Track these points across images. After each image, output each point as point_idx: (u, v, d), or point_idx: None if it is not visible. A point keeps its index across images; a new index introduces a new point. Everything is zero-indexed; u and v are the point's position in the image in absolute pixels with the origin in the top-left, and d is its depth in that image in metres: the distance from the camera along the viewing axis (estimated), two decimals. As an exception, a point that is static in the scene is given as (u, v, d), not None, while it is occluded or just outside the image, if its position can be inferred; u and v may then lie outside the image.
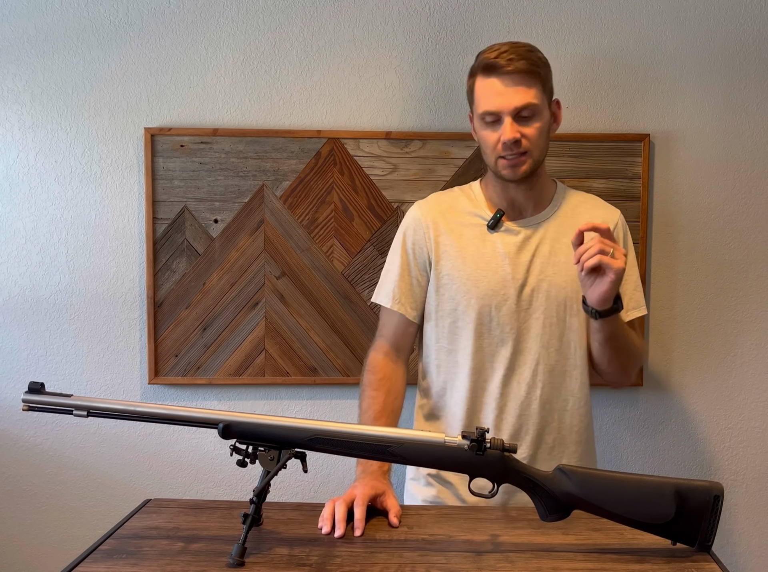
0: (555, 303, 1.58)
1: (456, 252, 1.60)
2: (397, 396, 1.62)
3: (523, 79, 1.48)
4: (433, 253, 1.61)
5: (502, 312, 1.57)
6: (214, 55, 2.00)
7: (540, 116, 1.51)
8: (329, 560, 1.18)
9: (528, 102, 1.48)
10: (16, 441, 2.07)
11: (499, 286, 1.57)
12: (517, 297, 1.57)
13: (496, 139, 1.50)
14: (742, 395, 2.08)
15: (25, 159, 2.01)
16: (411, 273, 1.63)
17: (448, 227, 1.61)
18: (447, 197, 1.67)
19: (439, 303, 1.61)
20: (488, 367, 1.59)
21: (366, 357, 1.66)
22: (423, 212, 1.64)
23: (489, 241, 1.59)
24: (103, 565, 1.16)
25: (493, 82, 1.48)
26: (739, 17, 2.00)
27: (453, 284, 1.59)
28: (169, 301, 2.02)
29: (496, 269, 1.58)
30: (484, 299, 1.57)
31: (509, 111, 1.47)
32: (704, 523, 1.19)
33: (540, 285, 1.57)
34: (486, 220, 1.60)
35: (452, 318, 1.60)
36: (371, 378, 1.61)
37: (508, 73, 1.47)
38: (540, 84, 1.50)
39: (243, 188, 2.00)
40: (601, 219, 1.60)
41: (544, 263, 1.58)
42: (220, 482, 2.09)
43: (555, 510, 1.23)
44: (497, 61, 1.47)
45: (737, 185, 2.04)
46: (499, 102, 1.48)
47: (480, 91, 1.51)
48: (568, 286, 1.58)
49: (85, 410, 1.22)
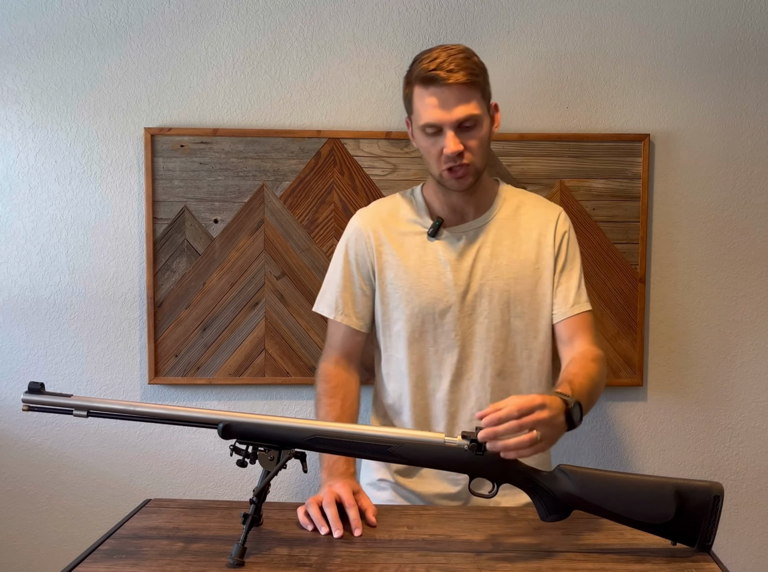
0: (498, 306, 1.58)
1: (398, 261, 1.60)
2: (354, 402, 1.62)
3: (464, 91, 1.44)
4: (375, 263, 1.61)
5: (446, 319, 1.58)
6: (214, 55, 2.00)
7: (481, 125, 1.49)
8: (329, 560, 1.18)
9: (469, 114, 1.45)
10: (16, 441, 2.07)
11: (442, 293, 1.58)
12: (460, 303, 1.58)
13: (438, 150, 1.49)
14: (742, 395, 2.08)
15: (25, 159, 2.01)
16: (355, 283, 1.63)
17: (389, 236, 1.61)
18: (388, 205, 1.67)
19: (384, 312, 1.62)
20: (435, 375, 1.60)
21: (317, 368, 1.66)
22: (364, 222, 1.64)
23: (430, 248, 1.60)
24: (103, 565, 1.16)
25: (433, 94, 1.45)
26: (739, 17, 2.00)
27: (396, 293, 1.60)
28: (169, 301, 2.01)
29: (438, 277, 1.58)
30: (428, 307, 1.58)
31: (451, 124, 1.45)
32: (704, 523, 1.19)
33: (482, 289, 1.58)
34: (427, 227, 1.60)
35: (397, 327, 1.61)
36: (325, 387, 1.61)
37: (448, 85, 1.43)
38: (480, 93, 1.48)
39: (243, 188, 2.00)
40: (542, 217, 1.63)
41: (486, 267, 1.58)
42: (220, 482, 2.09)
43: (555, 510, 1.23)
44: (437, 74, 1.43)
45: (737, 185, 2.04)
46: (440, 115, 1.45)
47: (419, 103, 1.48)
48: (510, 288, 1.58)
49: (85, 410, 1.22)
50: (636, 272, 2.02)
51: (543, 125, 2.01)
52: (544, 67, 2.00)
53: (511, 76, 2.00)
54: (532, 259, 1.60)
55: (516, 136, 1.99)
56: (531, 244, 1.60)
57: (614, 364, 2.03)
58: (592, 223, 2.01)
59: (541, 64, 2.00)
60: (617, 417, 2.09)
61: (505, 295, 1.58)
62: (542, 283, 1.60)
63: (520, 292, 1.58)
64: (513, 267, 1.59)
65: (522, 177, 2.00)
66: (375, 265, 1.62)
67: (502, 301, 1.58)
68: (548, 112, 2.01)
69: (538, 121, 2.01)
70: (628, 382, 2.04)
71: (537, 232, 1.61)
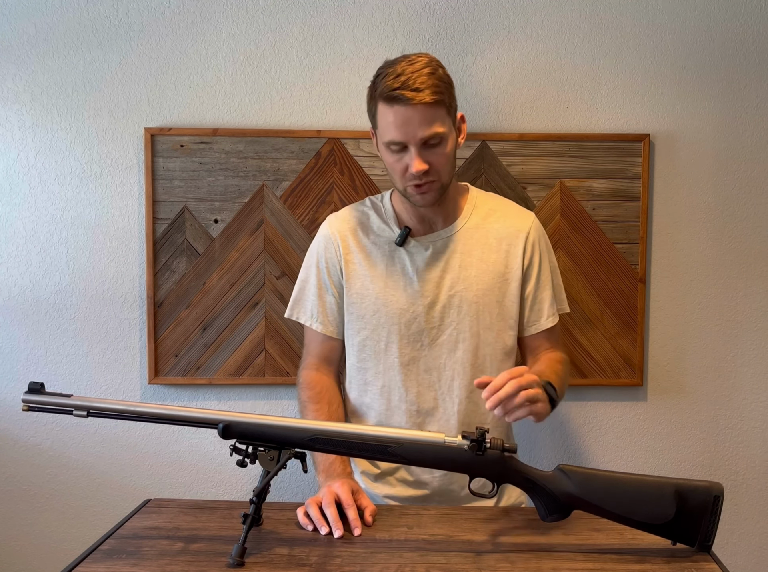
0: (467, 317, 1.57)
1: (365, 270, 1.59)
2: (339, 406, 1.61)
3: (428, 110, 1.41)
4: (343, 270, 1.61)
5: (411, 329, 1.57)
6: (214, 55, 2.00)
7: (446, 142, 1.46)
8: (329, 560, 1.18)
9: (434, 132, 1.42)
10: (16, 441, 2.07)
11: (408, 303, 1.57)
12: (426, 314, 1.57)
13: (403, 167, 1.47)
14: (742, 395, 2.08)
15: (25, 159, 2.01)
16: (328, 290, 1.63)
17: (357, 245, 1.61)
18: (357, 212, 1.65)
19: (348, 321, 1.61)
20: (401, 386, 1.58)
21: (298, 375, 1.65)
22: (333, 229, 1.63)
23: (398, 258, 1.58)
24: (103, 565, 1.16)
25: (397, 112, 1.42)
26: (738, 17, 2.00)
27: (363, 303, 1.59)
28: (169, 301, 2.02)
29: (405, 287, 1.57)
30: (394, 318, 1.57)
31: (415, 142, 1.43)
32: (704, 523, 1.19)
33: (451, 301, 1.57)
34: (395, 236, 1.59)
35: (361, 337, 1.60)
36: (309, 393, 1.60)
37: (413, 106, 1.40)
38: (444, 110, 1.44)
39: (243, 188, 2.00)
40: (512, 227, 1.61)
41: (455, 278, 1.57)
42: (220, 482, 2.09)
43: (555, 510, 1.23)
44: (401, 94, 1.40)
45: (737, 185, 2.04)
46: (404, 133, 1.42)
47: (383, 120, 1.45)
48: (479, 300, 1.57)
49: (85, 410, 1.22)
50: (636, 272, 2.02)
51: (543, 125, 2.01)
52: (544, 67, 2.00)
53: (511, 76, 2.00)
54: (500, 270, 1.59)
55: (516, 136, 1.99)
56: (500, 255, 1.59)
57: (614, 364, 2.04)
58: (592, 223, 2.01)
59: (541, 64, 2.00)
60: (617, 417, 2.09)
61: (474, 307, 1.57)
62: (509, 294, 1.59)
63: (488, 304, 1.57)
64: (482, 278, 1.57)
65: (522, 177, 2.00)
66: (343, 273, 1.61)
67: (471, 312, 1.57)
68: (548, 112, 2.01)
69: (538, 121, 2.01)
70: (628, 382, 2.04)
71: (506, 243, 1.60)
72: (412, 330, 1.57)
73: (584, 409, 2.08)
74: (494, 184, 1.99)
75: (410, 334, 1.57)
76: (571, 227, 2.01)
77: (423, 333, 1.57)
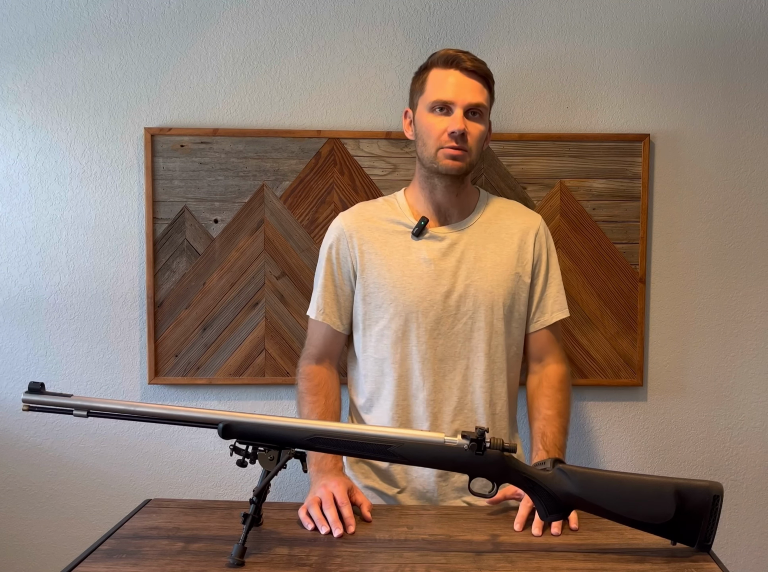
0: (482, 307, 1.60)
1: (381, 260, 1.61)
2: (336, 399, 1.64)
3: (479, 80, 1.56)
4: (357, 262, 1.63)
5: (429, 318, 1.59)
6: (214, 55, 2.00)
7: (484, 120, 1.58)
8: (329, 560, 1.18)
9: (480, 102, 1.55)
10: (16, 441, 2.07)
11: (425, 292, 1.59)
12: (443, 303, 1.59)
13: (442, 128, 1.54)
14: (742, 395, 2.08)
15: (25, 159, 2.01)
16: (335, 283, 1.65)
17: (371, 236, 1.63)
18: (371, 207, 1.70)
19: (366, 312, 1.63)
20: (418, 375, 1.60)
21: (298, 367, 1.68)
22: (346, 222, 1.66)
23: (414, 248, 1.61)
24: (103, 565, 1.16)
25: (452, 74, 1.54)
26: (738, 17, 2.00)
27: (380, 292, 1.61)
28: (169, 301, 2.01)
29: (422, 276, 1.59)
30: (411, 306, 1.59)
31: (463, 104, 1.53)
32: (704, 523, 1.19)
33: (467, 290, 1.60)
34: (410, 227, 1.62)
35: (379, 327, 1.62)
36: (308, 385, 1.63)
37: (468, 69, 1.55)
38: (489, 92, 1.59)
39: (243, 188, 2.00)
40: (524, 224, 1.67)
41: (470, 268, 1.60)
42: (220, 482, 2.09)
43: (555, 510, 1.24)
44: (459, 56, 1.55)
45: (737, 185, 2.04)
46: (455, 93, 1.53)
47: (435, 81, 1.56)
48: (494, 290, 1.60)
49: (85, 410, 1.22)
50: (636, 272, 2.02)
51: (543, 125, 2.01)
52: (544, 67, 2.00)
53: (511, 76, 2.00)
54: (513, 263, 1.63)
55: (516, 136, 1.99)
56: (513, 249, 1.64)
57: (614, 364, 2.04)
58: (592, 223, 2.01)
59: (541, 64, 2.00)
60: (617, 417, 2.09)
61: (489, 297, 1.60)
62: (520, 288, 1.64)
63: (502, 295, 1.61)
64: (496, 270, 1.61)
65: (522, 177, 2.00)
66: (357, 265, 1.63)
67: (486, 303, 1.60)
68: (548, 112, 2.01)
69: (538, 121, 2.01)
70: (628, 382, 2.04)
71: (518, 238, 1.65)
72: (430, 318, 1.59)
73: (584, 409, 2.08)
74: (494, 184, 1.99)
75: (428, 322, 1.59)
76: (571, 227, 2.01)
77: (440, 322, 1.59)
